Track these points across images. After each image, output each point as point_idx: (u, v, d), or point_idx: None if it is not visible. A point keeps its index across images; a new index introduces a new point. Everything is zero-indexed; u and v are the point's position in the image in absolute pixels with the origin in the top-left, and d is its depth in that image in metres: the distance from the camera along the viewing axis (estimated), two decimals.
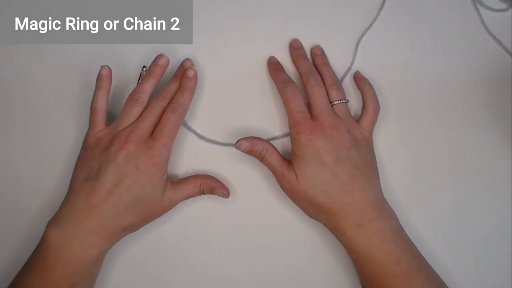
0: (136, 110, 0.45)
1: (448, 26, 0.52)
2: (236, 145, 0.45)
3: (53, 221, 0.41)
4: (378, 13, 0.52)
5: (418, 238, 0.46)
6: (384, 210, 0.43)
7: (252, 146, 0.45)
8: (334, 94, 0.46)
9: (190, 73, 0.46)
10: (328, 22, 0.52)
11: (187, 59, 0.49)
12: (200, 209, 0.48)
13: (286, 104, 0.46)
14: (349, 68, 0.51)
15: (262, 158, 0.45)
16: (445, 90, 0.51)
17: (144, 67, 0.50)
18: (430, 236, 0.47)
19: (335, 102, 0.46)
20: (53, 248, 0.40)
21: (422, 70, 0.51)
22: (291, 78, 0.48)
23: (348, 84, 0.51)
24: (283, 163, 0.44)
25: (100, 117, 0.45)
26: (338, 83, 0.48)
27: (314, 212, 0.44)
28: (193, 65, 0.49)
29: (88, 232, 0.40)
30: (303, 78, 0.47)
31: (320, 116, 0.44)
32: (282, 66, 0.50)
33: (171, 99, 0.46)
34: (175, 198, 0.45)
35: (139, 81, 0.49)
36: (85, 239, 0.40)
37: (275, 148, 0.45)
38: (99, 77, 0.46)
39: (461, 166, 0.49)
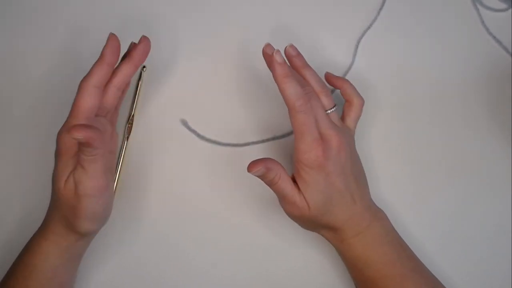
0: None
1: (448, 26, 0.52)
2: (249, 168, 0.40)
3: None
4: (378, 13, 0.52)
5: (417, 238, 0.46)
6: (377, 213, 0.43)
7: (266, 171, 0.40)
8: (325, 102, 0.43)
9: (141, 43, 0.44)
10: (328, 22, 0.52)
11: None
12: (198, 208, 0.48)
13: (297, 125, 0.40)
14: (349, 68, 0.51)
15: (273, 184, 0.41)
16: (445, 90, 0.51)
17: (144, 67, 0.50)
18: (430, 236, 0.47)
19: (329, 111, 0.43)
20: (33, 240, 0.42)
21: (422, 70, 0.51)
22: (303, 85, 0.41)
23: (352, 81, 0.50)
24: (294, 190, 0.41)
25: None
26: (325, 87, 0.44)
27: (313, 229, 0.44)
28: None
29: (52, 226, 0.41)
30: (305, 90, 0.42)
31: (326, 134, 0.41)
32: (288, 68, 0.41)
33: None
34: (86, 183, 0.39)
35: (139, 81, 0.50)
36: (42, 229, 0.42)
37: (286, 172, 0.41)
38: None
39: (461, 166, 0.49)
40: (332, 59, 0.51)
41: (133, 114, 0.49)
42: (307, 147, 0.40)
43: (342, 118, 0.45)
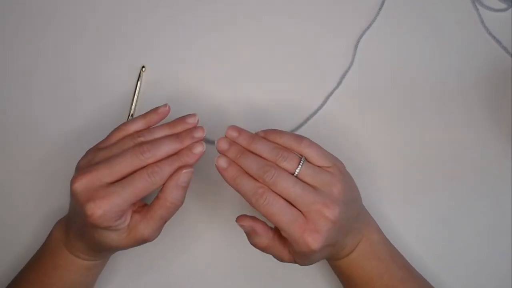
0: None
1: (448, 26, 0.52)
2: (237, 219, 0.40)
3: (58, 223, 0.42)
4: (378, 13, 0.52)
5: (417, 238, 0.46)
6: (368, 227, 0.42)
7: (253, 231, 0.40)
8: (288, 166, 0.38)
9: (197, 149, 0.39)
10: (328, 22, 0.52)
11: (192, 117, 0.41)
12: (198, 208, 0.48)
13: (269, 218, 0.37)
14: (349, 68, 0.51)
15: (261, 249, 0.40)
16: (445, 90, 0.51)
17: (143, 67, 0.50)
18: (430, 236, 0.47)
19: (296, 172, 0.38)
20: (50, 249, 0.41)
21: (421, 70, 0.51)
22: (255, 170, 0.38)
23: (349, 83, 0.51)
24: (282, 254, 0.40)
25: None
26: (279, 151, 0.38)
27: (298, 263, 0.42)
28: (203, 135, 0.40)
29: (74, 245, 0.40)
30: (261, 172, 0.38)
31: (310, 209, 0.37)
32: (237, 169, 0.39)
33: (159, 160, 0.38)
34: (146, 232, 0.38)
35: (139, 81, 0.50)
36: (73, 250, 0.40)
37: (275, 238, 0.40)
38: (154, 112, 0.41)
39: (461, 166, 0.49)
40: (332, 58, 0.51)
41: (133, 114, 0.49)
42: (293, 237, 0.37)
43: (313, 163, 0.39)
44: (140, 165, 0.37)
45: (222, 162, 0.39)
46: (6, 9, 0.52)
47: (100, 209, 0.35)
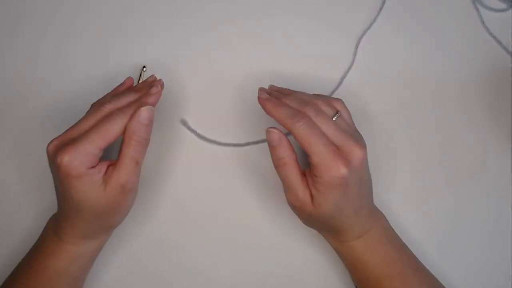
0: (91, 116, 0.40)
1: (448, 26, 0.52)
2: (268, 129, 0.40)
3: (52, 217, 0.43)
4: (378, 13, 0.52)
5: (417, 238, 0.46)
6: (378, 215, 0.43)
7: (279, 144, 0.40)
8: (327, 111, 0.41)
9: (153, 90, 0.42)
10: (328, 22, 0.52)
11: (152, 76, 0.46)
12: (198, 207, 0.48)
13: (303, 141, 0.38)
14: (349, 68, 0.51)
15: (278, 166, 0.40)
16: (445, 90, 0.51)
17: (144, 67, 0.50)
18: (430, 236, 0.47)
19: (334, 118, 0.41)
20: (43, 241, 0.42)
21: (422, 70, 0.51)
22: (295, 107, 0.40)
23: (350, 84, 0.51)
24: (299, 183, 0.39)
25: None
26: (320, 97, 0.42)
27: (312, 226, 0.43)
28: (161, 84, 0.44)
29: (64, 232, 0.41)
30: (301, 108, 0.40)
31: (344, 143, 0.39)
32: (276, 99, 0.42)
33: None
34: (123, 178, 0.38)
35: (139, 81, 0.50)
36: (63, 236, 0.41)
37: (297, 162, 0.40)
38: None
39: (460, 165, 0.49)
40: (332, 58, 0.51)
41: None
42: (325, 160, 0.38)
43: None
44: (102, 116, 0.39)
45: (264, 94, 0.42)
46: (6, 9, 0.52)
47: (66, 155, 0.36)
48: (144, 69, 0.50)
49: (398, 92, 0.51)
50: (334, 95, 0.50)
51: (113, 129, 0.38)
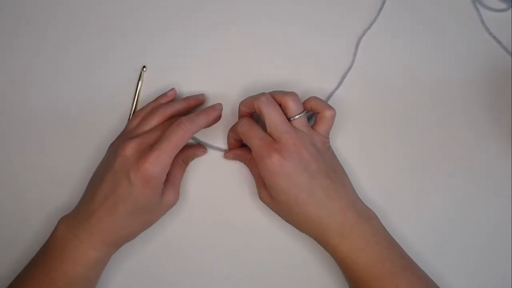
0: (154, 120, 0.44)
1: (448, 26, 0.52)
2: (224, 156, 0.48)
3: (64, 219, 0.42)
4: (378, 13, 0.52)
5: (417, 238, 0.46)
6: (363, 212, 0.43)
7: (237, 158, 0.47)
8: (291, 109, 0.43)
9: (218, 106, 0.45)
10: (328, 22, 0.52)
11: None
12: (200, 211, 0.48)
13: (244, 138, 0.44)
14: (350, 68, 0.51)
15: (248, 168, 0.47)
16: (445, 89, 0.51)
17: (144, 67, 0.50)
18: (430, 236, 0.47)
19: (295, 117, 0.43)
20: (57, 244, 0.41)
21: (422, 70, 0.51)
22: (244, 115, 0.46)
23: (350, 84, 0.51)
24: (259, 178, 0.44)
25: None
26: (291, 95, 0.44)
27: (293, 225, 0.44)
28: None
29: (88, 235, 0.40)
30: (254, 103, 0.43)
31: (282, 136, 0.41)
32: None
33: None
34: (172, 198, 0.43)
35: (140, 81, 0.50)
36: (85, 240, 0.40)
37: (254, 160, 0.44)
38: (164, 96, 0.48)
39: (460, 165, 0.49)
40: (332, 59, 0.51)
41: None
42: (256, 151, 0.42)
43: (315, 127, 0.45)
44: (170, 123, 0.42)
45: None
46: (6, 9, 0.52)
47: (149, 164, 0.39)
48: (144, 69, 0.50)
49: (398, 92, 0.51)
50: (334, 95, 0.50)
51: (184, 137, 0.41)
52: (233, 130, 0.46)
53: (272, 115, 0.42)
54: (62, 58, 0.51)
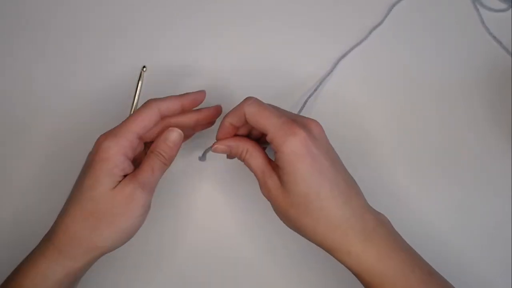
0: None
1: (448, 27, 0.52)
2: (212, 148, 0.39)
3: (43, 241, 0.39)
4: (385, 17, 0.52)
5: (417, 238, 0.46)
6: (377, 214, 0.38)
7: (229, 149, 0.39)
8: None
9: (201, 92, 0.42)
10: (329, 22, 0.52)
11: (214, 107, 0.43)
12: (200, 214, 0.48)
13: (255, 119, 0.37)
14: (344, 54, 0.51)
15: (244, 161, 0.39)
16: (445, 90, 0.51)
17: (144, 67, 0.50)
18: (430, 236, 0.47)
19: None
20: (30, 258, 0.38)
21: (422, 70, 0.51)
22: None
23: (352, 81, 0.51)
24: (265, 168, 0.38)
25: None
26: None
27: (302, 230, 0.37)
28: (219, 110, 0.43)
29: (55, 250, 0.37)
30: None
31: (301, 120, 0.37)
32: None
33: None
34: (140, 195, 0.37)
35: (140, 81, 0.50)
36: (51, 256, 0.37)
37: (259, 148, 0.39)
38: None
39: (461, 166, 0.49)
40: (334, 59, 0.51)
41: None
42: (280, 130, 0.35)
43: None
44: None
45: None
46: (6, 9, 0.52)
47: (104, 139, 0.36)
48: (144, 69, 0.50)
49: (398, 92, 0.51)
50: (333, 97, 0.50)
51: (146, 113, 0.38)
52: (234, 113, 0.38)
53: (268, 110, 0.37)
54: (62, 58, 0.51)
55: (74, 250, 0.36)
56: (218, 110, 0.42)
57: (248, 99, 0.38)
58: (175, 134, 0.39)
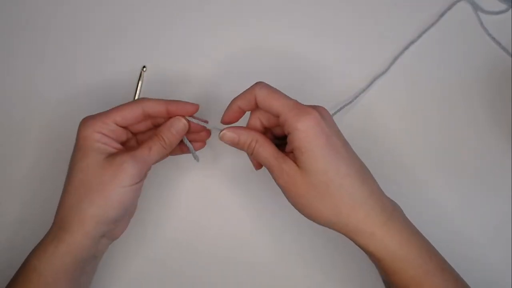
0: None
1: (448, 27, 0.52)
2: (220, 135, 0.39)
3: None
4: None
5: None
6: (392, 201, 0.39)
7: (238, 136, 0.39)
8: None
9: (193, 105, 0.42)
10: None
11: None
12: (203, 211, 0.48)
13: (267, 101, 0.37)
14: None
15: (251, 152, 0.39)
16: (446, 90, 0.51)
17: (144, 67, 0.50)
18: (430, 236, 0.47)
19: None
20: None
21: (422, 70, 0.51)
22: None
23: (351, 82, 0.51)
24: (277, 155, 0.37)
25: None
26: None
27: (324, 214, 0.36)
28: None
29: (55, 226, 0.38)
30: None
31: (307, 106, 0.37)
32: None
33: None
34: (129, 167, 0.37)
35: (139, 81, 0.50)
36: (54, 233, 0.38)
37: (268, 139, 0.39)
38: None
39: (460, 166, 0.49)
40: (335, 61, 0.51)
41: None
42: (293, 110, 0.36)
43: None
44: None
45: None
46: (6, 9, 0.52)
47: (83, 123, 0.39)
48: (144, 69, 0.50)
49: (398, 92, 0.51)
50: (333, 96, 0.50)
51: (128, 106, 0.40)
52: (244, 97, 0.39)
53: (279, 92, 0.38)
54: (62, 58, 0.51)
55: (69, 222, 0.37)
56: (193, 107, 0.42)
57: (258, 83, 0.39)
58: (178, 123, 0.41)
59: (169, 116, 0.41)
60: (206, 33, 0.52)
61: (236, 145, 0.39)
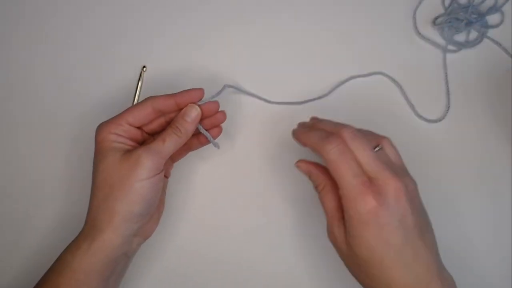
0: None
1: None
2: (296, 164, 0.40)
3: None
4: None
5: None
6: (445, 280, 0.36)
7: (309, 174, 0.40)
8: (370, 141, 0.37)
9: (199, 90, 0.43)
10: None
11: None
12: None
13: (332, 167, 0.35)
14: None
15: (318, 192, 0.39)
16: (445, 90, 0.51)
17: (144, 67, 0.50)
18: None
19: (376, 149, 0.37)
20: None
21: (421, 71, 0.51)
22: (330, 130, 0.38)
23: (354, 84, 0.51)
24: (335, 214, 0.37)
25: None
26: (360, 130, 0.38)
27: (364, 284, 0.37)
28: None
29: (87, 226, 0.40)
30: (336, 130, 0.37)
31: (379, 176, 0.35)
32: (310, 124, 0.41)
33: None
34: (146, 160, 0.38)
35: (140, 81, 0.50)
36: (87, 231, 0.39)
37: (336, 190, 0.37)
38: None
39: (460, 166, 0.49)
40: (338, 62, 0.51)
41: None
42: (349, 190, 0.35)
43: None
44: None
45: (295, 126, 0.42)
46: (6, 9, 0.52)
47: (98, 128, 0.40)
48: (144, 69, 0.50)
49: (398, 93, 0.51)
50: (330, 97, 0.50)
51: (139, 106, 0.41)
52: (316, 145, 0.37)
53: (361, 149, 0.35)
54: (62, 58, 0.51)
55: (100, 220, 0.38)
56: (199, 92, 0.43)
57: (334, 140, 0.36)
58: (191, 109, 0.42)
59: (179, 108, 0.42)
60: (207, 33, 0.52)
61: (307, 176, 0.40)
